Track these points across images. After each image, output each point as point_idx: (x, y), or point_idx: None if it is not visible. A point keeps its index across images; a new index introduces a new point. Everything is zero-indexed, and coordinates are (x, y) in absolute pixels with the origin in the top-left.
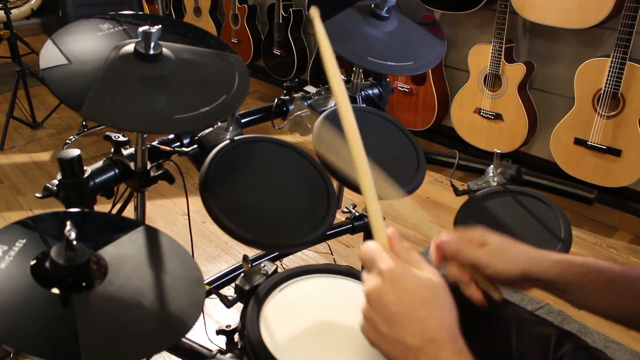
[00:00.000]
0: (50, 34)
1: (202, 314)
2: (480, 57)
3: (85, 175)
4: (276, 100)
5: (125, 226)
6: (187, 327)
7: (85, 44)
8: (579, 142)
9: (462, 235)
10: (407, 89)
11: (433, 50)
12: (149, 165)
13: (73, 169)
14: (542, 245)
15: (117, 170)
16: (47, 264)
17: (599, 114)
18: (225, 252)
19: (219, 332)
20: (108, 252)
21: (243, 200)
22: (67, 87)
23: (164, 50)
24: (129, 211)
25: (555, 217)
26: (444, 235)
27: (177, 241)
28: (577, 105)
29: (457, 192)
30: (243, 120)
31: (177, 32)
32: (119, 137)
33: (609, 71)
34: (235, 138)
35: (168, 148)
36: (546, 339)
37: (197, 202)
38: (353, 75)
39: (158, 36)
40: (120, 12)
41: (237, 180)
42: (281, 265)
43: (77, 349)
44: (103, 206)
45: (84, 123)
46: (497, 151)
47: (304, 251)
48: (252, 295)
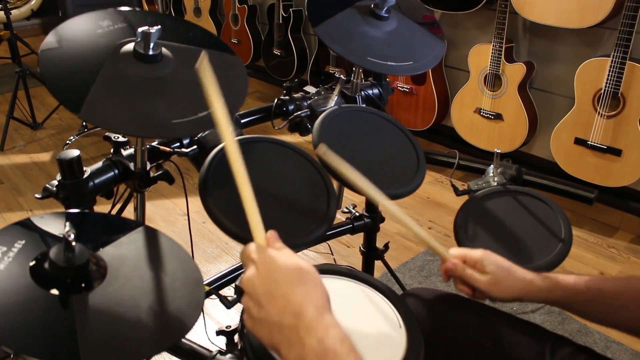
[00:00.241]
0: None
1: (202, 315)
2: (481, 57)
3: (85, 175)
4: (276, 101)
5: (125, 227)
6: (186, 327)
7: (83, 38)
8: (579, 141)
9: (466, 258)
10: (407, 89)
11: (433, 50)
12: (148, 166)
13: (72, 170)
14: (543, 245)
15: (116, 171)
16: (46, 265)
17: (599, 113)
18: (226, 252)
19: (219, 332)
20: (107, 252)
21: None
22: (66, 88)
23: (164, 50)
24: (129, 212)
25: (555, 217)
26: (451, 262)
27: (176, 242)
28: (577, 105)
29: (458, 192)
30: (243, 121)
31: (176, 32)
32: (118, 137)
33: (609, 71)
34: (235, 138)
35: (168, 149)
36: (540, 346)
37: (198, 203)
38: (353, 75)
39: (157, 36)
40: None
41: None
42: None
43: (76, 350)
44: (103, 207)
45: (84, 123)
46: (498, 151)
47: (304, 251)
48: None
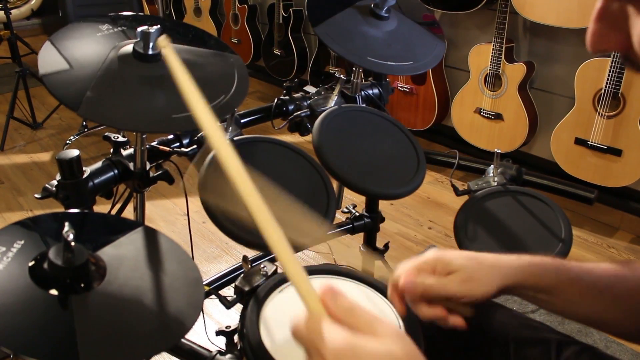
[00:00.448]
0: (50, 34)
1: (202, 315)
2: (481, 57)
3: (85, 175)
4: (276, 101)
5: (124, 227)
6: (186, 328)
7: (84, 45)
8: (580, 142)
9: (420, 268)
10: (407, 88)
11: (433, 50)
12: (148, 166)
13: (72, 170)
14: (543, 245)
15: (116, 171)
16: (45, 265)
17: (599, 113)
18: (226, 252)
19: (219, 332)
20: (107, 253)
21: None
22: (65, 86)
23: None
24: (129, 211)
25: (555, 217)
26: (402, 279)
27: (176, 242)
28: (577, 105)
29: (458, 192)
30: (243, 121)
31: (176, 32)
32: (118, 137)
33: (610, 71)
34: (235, 138)
35: (167, 148)
36: (546, 344)
37: (198, 202)
38: (353, 75)
39: (157, 36)
40: (119, 13)
41: None
42: None
43: (75, 351)
44: (102, 207)
45: (84, 123)
46: (498, 151)
47: (304, 251)
48: (251, 296)
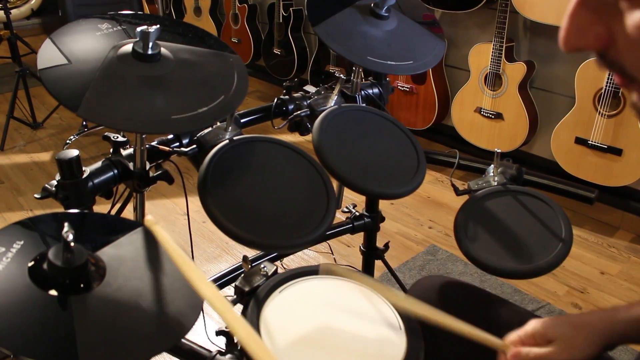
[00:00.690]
0: (50, 34)
1: (202, 315)
2: (481, 56)
3: (84, 175)
4: (276, 100)
5: (124, 227)
6: (186, 328)
7: (83, 42)
8: (580, 141)
9: (525, 340)
10: (407, 88)
11: (433, 50)
12: (148, 166)
13: (72, 170)
14: (543, 245)
15: (116, 171)
16: (44, 266)
17: (599, 113)
18: (226, 252)
19: (219, 332)
20: (106, 253)
21: (242, 200)
22: (64, 86)
23: (163, 50)
24: (129, 211)
25: (556, 217)
26: (509, 352)
27: (175, 242)
28: (577, 104)
29: (458, 192)
30: (243, 120)
31: (176, 32)
32: (117, 137)
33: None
34: (235, 138)
35: (167, 148)
36: None
37: (198, 202)
38: (353, 74)
39: (156, 36)
40: (119, 12)
41: (236, 180)
42: (282, 265)
43: (75, 351)
44: (102, 207)
45: (84, 123)
46: (498, 150)
47: (304, 251)
48: (251, 296)
